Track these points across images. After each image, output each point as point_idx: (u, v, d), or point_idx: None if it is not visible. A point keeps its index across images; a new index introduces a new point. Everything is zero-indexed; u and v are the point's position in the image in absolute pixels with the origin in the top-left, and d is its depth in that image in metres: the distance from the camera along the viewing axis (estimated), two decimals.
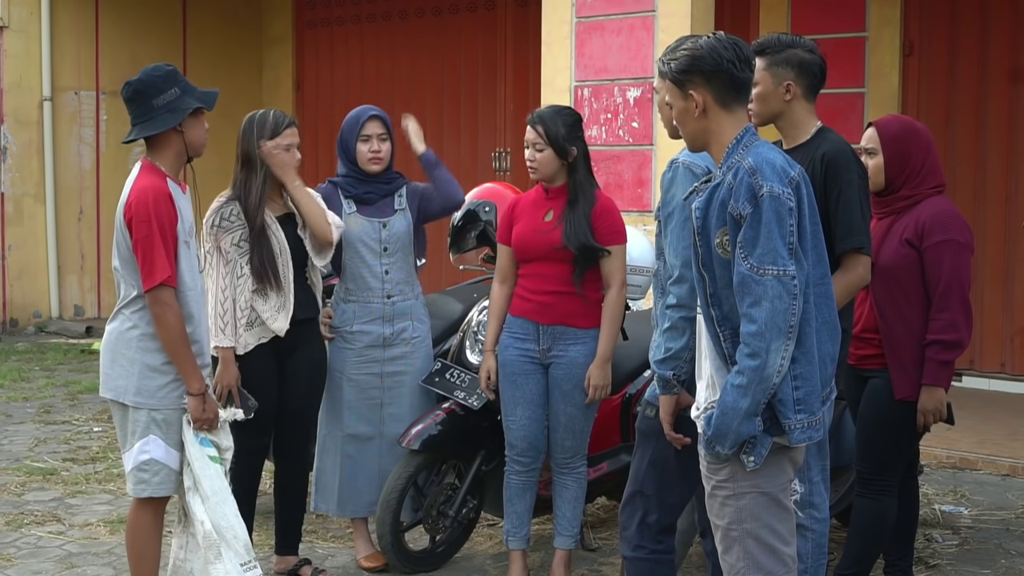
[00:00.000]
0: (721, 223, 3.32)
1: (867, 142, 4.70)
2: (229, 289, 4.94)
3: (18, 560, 5.48)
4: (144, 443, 4.36)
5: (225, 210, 4.99)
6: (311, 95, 13.19)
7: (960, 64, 9.04)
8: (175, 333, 4.27)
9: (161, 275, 4.21)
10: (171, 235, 4.27)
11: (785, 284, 3.22)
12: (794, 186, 3.30)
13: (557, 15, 7.78)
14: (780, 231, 3.24)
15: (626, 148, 7.59)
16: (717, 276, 3.36)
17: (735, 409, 3.25)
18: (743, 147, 3.36)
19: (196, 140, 4.40)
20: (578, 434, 5.03)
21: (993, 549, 5.74)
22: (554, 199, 5.00)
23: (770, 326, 3.21)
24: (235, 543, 4.35)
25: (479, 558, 5.57)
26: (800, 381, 3.30)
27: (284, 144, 5.01)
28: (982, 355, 8.97)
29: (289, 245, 5.01)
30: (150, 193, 4.26)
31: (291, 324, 5.00)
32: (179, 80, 4.36)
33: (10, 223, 11.97)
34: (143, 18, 12.60)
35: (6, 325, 12.02)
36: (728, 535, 3.40)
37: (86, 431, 7.95)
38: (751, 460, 3.29)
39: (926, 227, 4.53)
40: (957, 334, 4.49)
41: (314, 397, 5.24)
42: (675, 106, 3.46)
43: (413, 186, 5.46)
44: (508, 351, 5.03)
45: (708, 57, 3.36)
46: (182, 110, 4.31)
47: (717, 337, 3.37)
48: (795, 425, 3.30)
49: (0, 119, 11.84)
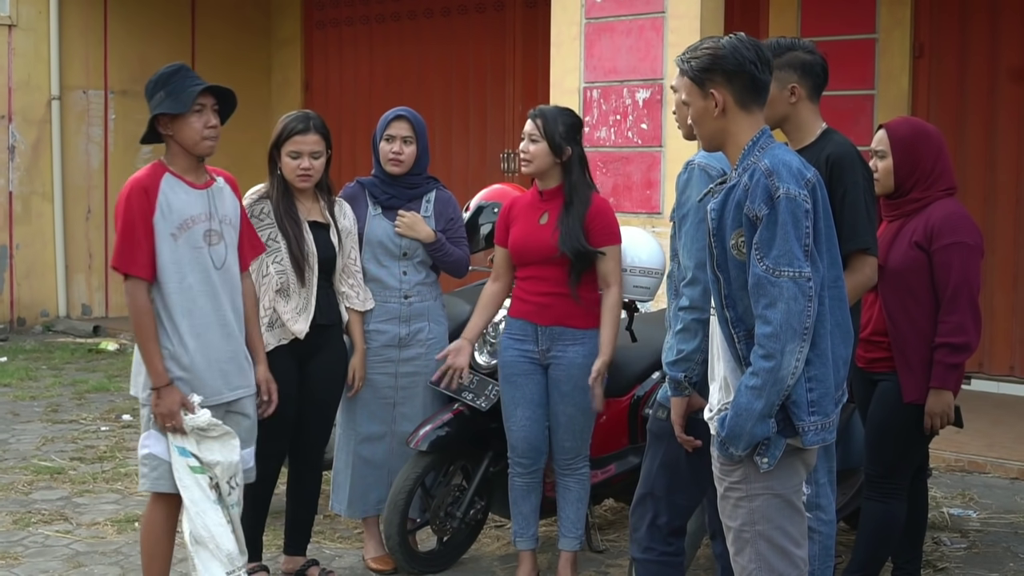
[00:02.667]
0: (736, 224, 3.32)
1: (877, 144, 4.69)
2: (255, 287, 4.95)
3: (25, 559, 5.48)
4: (146, 437, 4.39)
5: (256, 207, 5.00)
6: (319, 96, 13.19)
7: (970, 66, 9.02)
8: (137, 325, 4.31)
9: (122, 266, 4.27)
10: (142, 228, 4.27)
11: (801, 286, 3.22)
12: (810, 188, 3.30)
13: (566, 16, 7.78)
14: (796, 233, 3.24)
15: (635, 150, 7.58)
16: (732, 277, 3.36)
17: (749, 410, 3.24)
18: (759, 149, 3.35)
19: (187, 141, 4.35)
20: (578, 435, 5.03)
21: (1002, 553, 5.72)
22: (548, 201, 5.00)
23: (785, 328, 3.21)
24: (218, 553, 4.32)
25: (486, 559, 5.56)
26: (814, 383, 3.30)
27: (291, 150, 4.99)
28: (991, 358, 8.95)
29: (318, 251, 5.01)
30: (128, 187, 4.33)
31: (311, 328, 4.99)
32: (168, 82, 4.34)
33: (18, 222, 11.98)
34: (152, 17, 12.62)
35: (14, 324, 12.04)
36: (740, 536, 3.39)
37: (93, 430, 7.95)
38: (765, 462, 3.29)
39: (935, 230, 4.51)
40: (966, 337, 4.48)
41: (331, 400, 5.22)
42: (693, 105, 3.45)
43: (442, 193, 5.43)
44: (507, 352, 5.04)
45: (731, 57, 3.36)
46: (153, 119, 4.34)
47: (731, 339, 3.37)
48: (809, 427, 3.30)
49: (9, 118, 11.86)
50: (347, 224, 5.18)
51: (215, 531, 4.32)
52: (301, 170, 4.99)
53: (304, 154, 4.99)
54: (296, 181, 5.01)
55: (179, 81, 4.35)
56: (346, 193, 5.37)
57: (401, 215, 5.26)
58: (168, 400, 4.28)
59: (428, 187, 5.39)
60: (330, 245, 5.08)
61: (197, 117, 4.34)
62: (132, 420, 8.02)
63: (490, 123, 11.88)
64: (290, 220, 4.98)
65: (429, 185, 5.40)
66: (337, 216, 5.15)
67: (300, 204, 5.05)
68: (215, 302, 4.41)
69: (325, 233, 5.08)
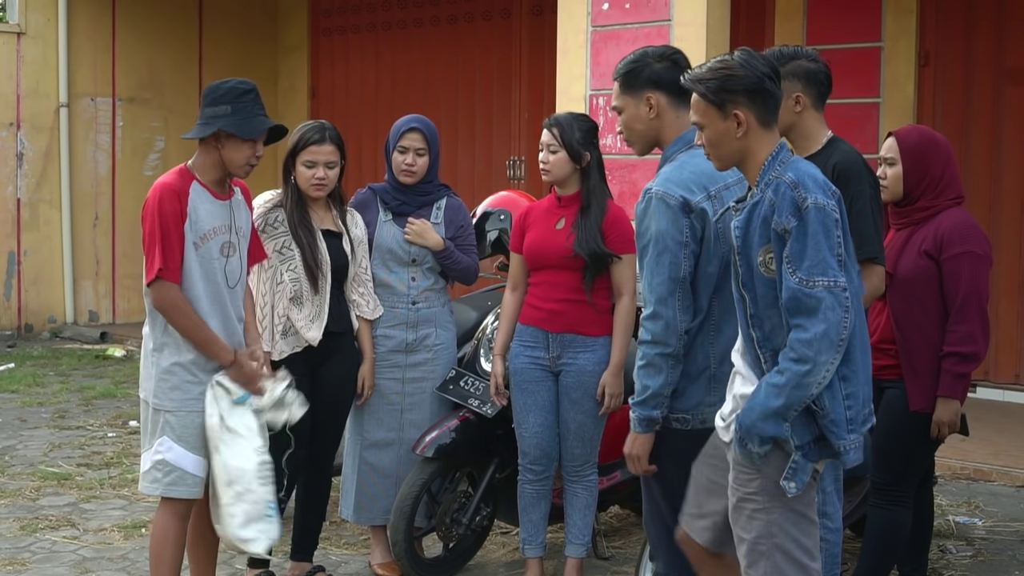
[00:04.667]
0: (764, 240, 3.25)
1: (887, 152, 4.69)
2: (268, 295, 4.97)
3: (32, 564, 5.49)
4: (160, 443, 4.40)
5: (271, 216, 5.02)
6: (326, 103, 13.21)
7: (975, 75, 9.03)
8: (182, 320, 4.30)
9: (156, 268, 4.25)
10: (175, 232, 4.29)
11: (837, 296, 3.16)
12: (837, 198, 3.26)
13: (573, 24, 7.79)
14: (828, 242, 3.18)
15: (640, 157, 7.58)
16: (759, 296, 3.29)
17: (764, 405, 3.19)
18: (780, 163, 3.31)
19: (232, 161, 4.39)
20: (588, 442, 5.03)
21: (1007, 561, 5.72)
22: (566, 207, 5.01)
23: (823, 337, 3.14)
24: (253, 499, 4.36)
25: (492, 566, 5.57)
26: (852, 400, 3.25)
27: (306, 160, 5.01)
28: (997, 366, 8.94)
29: (331, 259, 5.03)
30: (158, 190, 4.32)
31: (324, 336, 5.02)
32: (239, 100, 4.36)
33: (26, 229, 12.02)
34: (160, 25, 12.66)
35: (21, 330, 12.07)
36: (755, 549, 3.32)
37: (100, 436, 7.97)
38: (792, 486, 3.23)
39: (945, 239, 4.52)
40: (974, 346, 4.48)
41: (342, 407, 5.24)
42: (711, 127, 3.36)
43: (453, 201, 5.44)
44: (518, 359, 5.05)
45: (750, 75, 3.30)
46: (211, 127, 4.34)
47: (758, 359, 3.32)
48: (849, 446, 3.24)
49: (17, 125, 11.90)
50: (359, 233, 5.21)
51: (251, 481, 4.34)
52: (316, 180, 5.02)
53: (319, 164, 5.02)
54: (311, 191, 5.04)
55: (249, 104, 4.39)
56: (358, 199, 5.40)
57: (411, 222, 5.28)
58: (246, 365, 4.37)
59: (439, 194, 5.41)
60: (343, 254, 5.10)
61: (251, 145, 4.39)
62: (139, 426, 7.99)
63: (496, 130, 11.89)
64: (304, 229, 5.00)
65: (440, 192, 5.42)
66: (349, 225, 5.17)
67: (313, 213, 5.08)
68: (223, 314, 4.43)
69: (338, 242, 5.11)
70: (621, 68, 3.98)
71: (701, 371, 3.74)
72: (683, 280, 3.65)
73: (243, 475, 4.32)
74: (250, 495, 4.33)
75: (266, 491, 4.37)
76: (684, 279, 3.65)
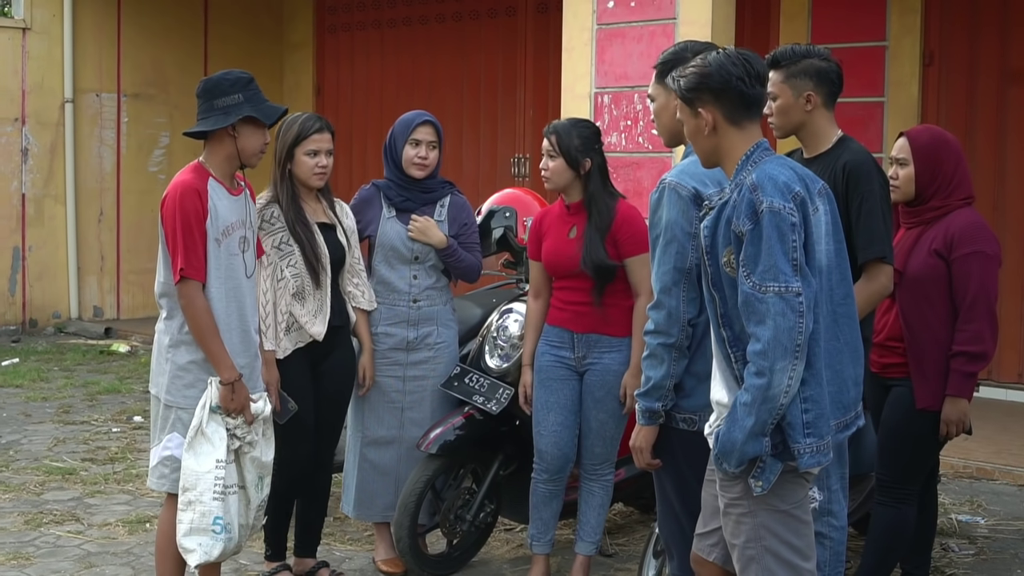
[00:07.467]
0: (727, 242, 3.26)
1: (898, 152, 4.69)
2: (270, 292, 4.97)
3: (37, 559, 5.51)
4: (169, 439, 4.42)
5: (267, 212, 5.03)
6: (331, 100, 13.22)
7: (980, 74, 9.03)
8: (200, 325, 4.33)
9: (180, 267, 4.29)
10: (198, 230, 4.32)
11: (789, 301, 3.13)
12: (798, 201, 3.21)
13: (578, 22, 7.79)
14: (782, 247, 3.15)
15: (645, 155, 7.59)
16: (727, 296, 3.29)
17: (741, 427, 3.18)
18: (751, 163, 3.30)
19: (247, 148, 4.43)
20: (608, 441, 5.03)
21: (1009, 559, 5.73)
22: (576, 215, 5.01)
23: (774, 345, 3.13)
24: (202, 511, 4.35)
25: (496, 563, 5.58)
26: (810, 404, 3.23)
27: (309, 149, 5.03)
28: (999, 365, 8.94)
29: (329, 252, 5.05)
30: (179, 189, 4.34)
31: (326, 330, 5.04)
32: (247, 88, 4.42)
33: (31, 224, 12.03)
34: (164, 21, 12.66)
35: (26, 325, 12.09)
36: (745, 553, 3.32)
37: (105, 431, 7.99)
38: (759, 485, 3.23)
39: (955, 239, 4.52)
40: (983, 346, 4.49)
41: (342, 401, 5.25)
42: (686, 124, 3.41)
43: (457, 198, 5.45)
44: (544, 357, 5.04)
45: (716, 75, 3.30)
46: (233, 115, 4.36)
47: (728, 359, 3.31)
48: (804, 449, 3.22)
49: (22, 120, 11.91)
50: (350, 223, 5.23)
51: (206, 495, 4.33)
52: (319, 167, 5.05)
53: (321, 152, 5.05)
54: (313, 179, 5.06)
55: (257, 91, 4.47)
56: (361, 195, 5.41)
57: (414, 219, 5.28)
58: (241, 394, 4.37)
59: (443, 191, 5.41)
60: (339, 245, 5.12)
61: (264, 131, 4.48)
62: (143, 422, 8.05)
63: (501, 128, 11.90)
64: (301, 224, 5.02)
65: (444, 189, 5.42)
66: (340, 216, 5.19)
67: (306, 206, 5.09)
68: (240, 308, 4.47)
69: (333, 234, 5.12)
70: (661, 58, 4.06)
71: (708, 372, 3.75)
72: (689, 271, 3.67)
73: (198, 484, 4.33)
74: (199, 506, 4.34)
75: (217, 506, 4.34)
76: (690, 270, 3.67)
